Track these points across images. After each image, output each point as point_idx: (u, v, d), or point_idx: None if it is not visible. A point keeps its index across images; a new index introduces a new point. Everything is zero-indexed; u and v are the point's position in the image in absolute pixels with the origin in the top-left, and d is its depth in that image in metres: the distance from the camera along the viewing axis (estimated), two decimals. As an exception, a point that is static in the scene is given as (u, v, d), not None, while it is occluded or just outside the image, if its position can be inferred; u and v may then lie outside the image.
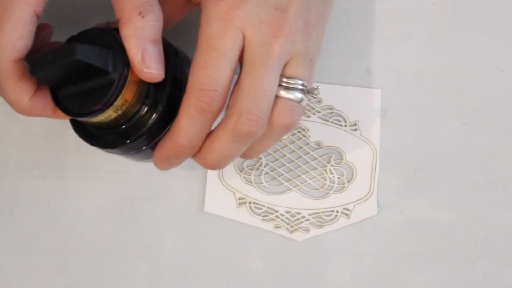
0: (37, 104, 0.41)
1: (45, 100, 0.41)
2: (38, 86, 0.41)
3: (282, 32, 0.40)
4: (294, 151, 0.52)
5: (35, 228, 0.52)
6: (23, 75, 0.40)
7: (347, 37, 0.52)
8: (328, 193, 0.52)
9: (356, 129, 0.52)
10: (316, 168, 0.52)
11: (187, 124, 0.40)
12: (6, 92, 0.40)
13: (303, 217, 0.52)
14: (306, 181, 0.52)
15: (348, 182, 0.52)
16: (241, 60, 0.41)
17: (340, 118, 0.52)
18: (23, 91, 0.40)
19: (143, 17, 0.39)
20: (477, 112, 0.52)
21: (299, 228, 0.52)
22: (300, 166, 0.52)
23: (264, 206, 0.52)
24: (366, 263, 0.52)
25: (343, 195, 0.52)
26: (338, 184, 0.52)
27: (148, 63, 0.39)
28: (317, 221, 0.52)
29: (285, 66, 0.41)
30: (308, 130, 0.52)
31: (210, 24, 0.40)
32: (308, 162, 0.52)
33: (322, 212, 0.52)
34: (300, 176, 0.52)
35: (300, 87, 0.42)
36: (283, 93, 0.41)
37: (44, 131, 0.52)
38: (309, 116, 0.52)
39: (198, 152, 0.42)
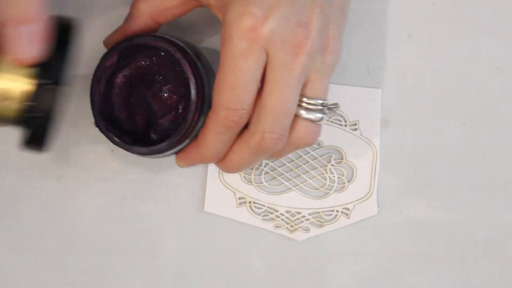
0: None
1: None
2: None
3: (303, 50, 0.41)
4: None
5: (35, 228, 0.52)
6: None
7: (347, 37, 0.52)
8: (328, 192, 0.52)
9: (356, 129, 0.52)
10: (316, 168, 0.52)
11: (215, 139, 0.43)
12: None
13: (303, 216, 0.52)
14: (306, 180, 0.52)
15: (348, 181, 0.52)
16: (263, 74, 0.41)
17: (340, 118, 0.52)
18: None
19: None
20: (477, 112, 0.52)
21: (299, 227, 0.52)
22: (300, 166, 0.52)
23: (264, 206, 0.52)
24: (366, 263, 0.52)
25: (343, 194, 0.52)
26: (338, 183, 0.52)
27: (17, 48, 0.36)
28: (317, 220, 0.52)
29: (305, 84, 0.42)
30: (308, 130, 0.52)
31: (233, 43, 0.40)
32: (308, 162, 0.52)
33: (322, 212, 0.52)
34: (300, 175, 0.52)
35: (320, 107, 0.43)
36: (303, 113, 0.43)
37: (44, 131, 0.52)
38: (309, 116, 0.52)
39: (221, 160, 0.44)
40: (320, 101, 0.43)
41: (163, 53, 0.46)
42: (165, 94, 0.48)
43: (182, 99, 0.47)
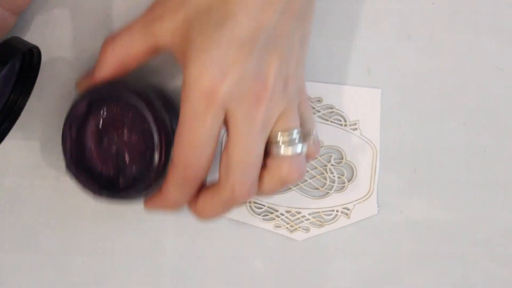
0: None
1: None
2: None
3: (263, 100, 0.42)
4: (294, 151, 0.52)
5: (35, 228, 0.52)
6: None
7: (347, 37, 0.52)
8: (328, 192, 0.52)
9: (356, 129, 0.52)
10: (316, 168, 0.52)
11: (174, 191, 0.44)
12: None
13: (303, 216, 0.52)
14: (306, 180, 0.52)
15: (348, 181, 0.52)
16: (226, 128, 0.43)
17: (340, 118, 0.52)
18: None
19: None
20: (477, 112, 0.53)
21: (299, 227, 0.52)
22: (300, 166, 0.52)
23: (264, 206, 0.52)
24: (366, 263, 0.52)
25: (343, 194, 0.52)
26: (338, 183, 0.52)
27: None
28: (317, 220, 0.52)
29: (274, 123, 0.43)
30: (308, 129, 0.52)
31: (192, 104, 0.41)
32: (308, 162, 0.52)
33: (322, 212, 0.52)
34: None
35: (296, 137, 0.44)
36: (282, 150, 0.44)
37: (44, 131, 0.52)
38: (309, 116, 0.52)
39: (194, 209, 0.46)
40: (295, 131, 0.44)
41: (135, 104, 0.48)
42: (134, 141, 0.49)
43: (150, 147, 0.49)
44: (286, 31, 0.42)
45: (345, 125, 0.52)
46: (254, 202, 0.52)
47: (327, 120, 0.52)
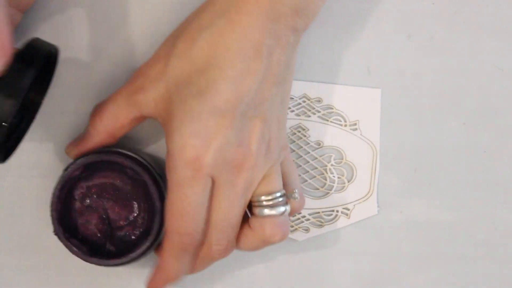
0: None
1: None
2: None
3: (245, 167, 0.43)
4: (294, 151, 0.52)
5: (35, 228, 0.52)
6: None
7: (347, 37, 0.52)
8: (328, 192, 0.52)
9: (356, 129, 0.52)
10: (316, 168, 0.52)
11: (173, 262, 0.45)
12: None
13: (303, 216, 0.52)
14: (306, 180, 0.52)
15: (348, 181, 0.52)
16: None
17: (340, 118, 0.52)
18: None
19: None
20: (477, 112, 0.52)
21: (299, 227, 0.52)
22: (300, 166, 0.52)
23: (264, 206, 0.52)
24: (366, 263, 0.52)
25: (343, 194, 0.52)
26: (338, 183, 0.52)
27: None
28: (317, 220, 0.52)
29: (258, 185, 0.44)
30: (308, 130, 0.52)
31: (178, 173, 0.42)
32: (308, 162, 0.52)
33: (322, 212, 0.52)
34: (300, 175, 0.52)
35: (280, 199, 0.45)
36: (266, 211, 0.45)
37: (44, 131, 0.52)
38: (309, 116, 0.52)
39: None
40: (278, 194, 0.45)
41: (128, 170, 0.49)
42: (125, 207, 0.51)
43: (142, 213, 0.51)
44: (266, 96, 0.43)
45: (345, 125, 0.52)
46: (254, 202, 0.52)
47: (327, 120, 0.52)
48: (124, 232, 0.51)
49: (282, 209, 0.45)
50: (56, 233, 0.48)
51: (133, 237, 0.50)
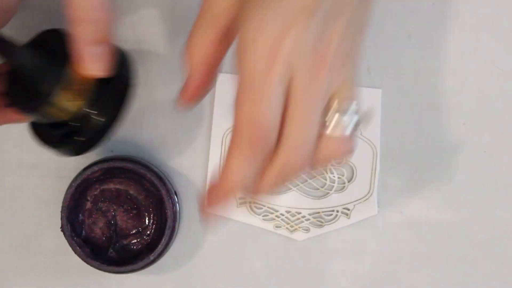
0: None
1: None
2: None
3: (326, 63, 0.38)
4: (294, 151, 0.52)
5: (35, 228, 0.52)
6: None
7: (347, 37, 0.52)
8: (328, 192, 0.52)
9: (356, 129, 0.52)
10: (316, 168, 0.52)
11: (240, 164, 0.37)
12: None
13: (303, 216, 0.52)
14: (306, 180, 0.52)
15: (348, 181, 0.52)
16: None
17: (340, 118, 0.52)
18: None
19: (96, 22, 0.41)
20: (477, 112, 0.52)
21: (299, 227, 0.52)
22: (300, 166, 0.52)
23: (264, 206, 0.52)
24: (366, 263, 0.52)
25: (343, 194, 0.52)
26: (338, 183, 0.52)
27: (90, 64, 0.41)
28: (317, 220, 0.52)
29: (331, 97, 0.39)
30: (308, 130, 0.52)
31: (253, 61, 0.36)
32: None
33: (322, 212, 0.52)
34: (300, 175, 0.52)
35: (351, 120, 0.39)
36: (332, 129, 0.39)
37: (44, 131, 0.52)
38: (309, 116, 0.52)
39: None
40: (354, 105, 0.39)
41: (145, 182, 0.50)
42: (135, 217, 0.51)
43: (151, 227, 0.51)
44: (348, 7, 0.38)
45: (345, 125, 0.52)
46: (254, 202, 0.52)
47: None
48: (128, 242, 0.51)
49: (350, 129, 0.39)
50: (62, 229, 0.49)
51: (136, 248, 0.51)
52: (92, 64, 0.41)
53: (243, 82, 0.37)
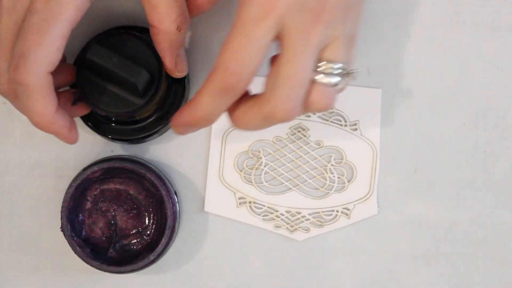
0: (58, 119, 0.43)
1: (65, 117, 0.43)
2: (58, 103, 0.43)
3: (321, 19, 0.40)
4: (294, 151, 0.52)
5: (35, 228, 0.52)
6: (51, 88, 0.42)
7: (347, 37, 0.52)
8: (328, 192, 0.52)
9: (356, 129, 0.52)
10: (316, 168, 0.52)
11: (208, 100, 0.41)
12: (32, 103, 0.41)
13: (303, 216, 0.52)
14: (306, 180, 0.52)
15: (348, 181, 0.52)
16: (279, 42, 0.40)
17: (340, 118, 0.52)
18: (50, 103, 0.42)
19: (179, 31, 0.44)
20: (477, 112, 0.52)
21: (299, 227, 0.52)
22: (300, 166, 0.52)
23: (264, 206, 0.52)
24: (366, 263, 0.52)
25: (343, 194, 0.52)
26: (338, 183, 0.52)
27: (179, 68, 0.46)
28: (317, 220, 0.52)
29: (323, 49, 0.41)
30: (308, 129, 0.52)
31: (249, 8, 0.39)
32: (308, 162, 0.52)
33: (322, 212, 0.52)
34: (300, 175, 0.52)
35: (338, 71, 0.42)
36: (320, 77, 0.41)
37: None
38: (309, 116, 0.52)
39: (231, 115, 0.43)
40: (339, 65, 0.42)
41: (145, 182, 0.50)
42: (135, 217, 0.51)
43: (151, 227, 0.51)
44: None
45: (345, 125, 0.52)
46: (254, 202, 0.52)
47: (327, 120, 0.52)
48: (128, 241, 0.51)
49: (337, 79, 0.41)
50: (62, 229, 0.49)
51: (136, 248, 0.51)
52: (178, 67, 0.46)
53: (233, 28, 0.40)
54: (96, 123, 0.50)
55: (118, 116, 0.49)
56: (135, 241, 0.51)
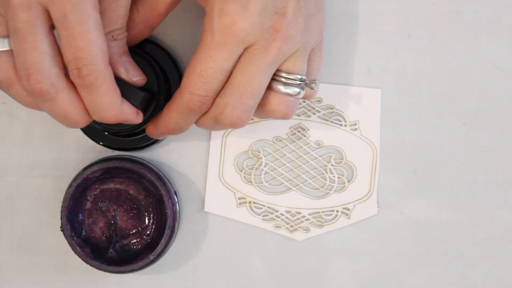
0: (125, 107, 0.43)
1: (127, 103, 0.44)
2: None
3: (280, 35, 0.42)
4: (294, 151, 0.52)
5: (35, 228, 0.52)
6: (113, 79, 0.42)
7: (347, 37, 0.52)
8: (328, 192, 0.52)
9: (356, 129, 0.52)
10: (316, 168, 0.52)
11: (177, 116, 0.45)
12: (99, 98, 0.41)
13: (303, 216, 0.52)
14: (306, 180, 0.52)
15: (348, 181, 0.52)
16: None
17: (340, 118, 0.52)
18: (116, 92, 0.42)
19: (115, 40, 0.44)
20: (477, 112, 0.52)
21: (299, 227, 0.52)
22: (300, 166, 0.52)
23: (264, 206, 0.52)
24: (366, 263, 0.52)
25: (343, 194, 0.52)
26: (338, 183, 0.52)
27: (132, 73, 0.45)
28: (317, 220, 0.52)
29: (284, 62, 0.44)
30: (308, 130, 0.52)
31: (212, 35, 0.42)
32: (308, 162, 0.52)
33: (322, 212, 0.52)
34: (300, 175, 0.52)
35: (298, 82, 0.44)
36: (281, 88, 0.44)
37: (44, 131, 0.52)
38: (309, 116, 0.52)
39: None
40: (299, 76, 0.44)
41: (145, 181, 0.50)
42: (135, 217, 0.51)
43: (151, 227, 0.51)
44: None
45: (345, 125, 0.52)
46: (254, 202, 0.52)
47: (327, 120, 0.52)
48: (128, 241, 0.51)
49: (296, 90, 0.44)
50: (62, 229, 0.49)
51: (136, 248, 0.51)
52: (130, 72, 0.45)
53: (199, 52, 0.43)
54: (93, 131, 0.50)
55: (118, 132, 0.49)
56: (135, 241, 0.51)
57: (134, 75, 0.44)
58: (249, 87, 0.43)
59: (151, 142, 0.51)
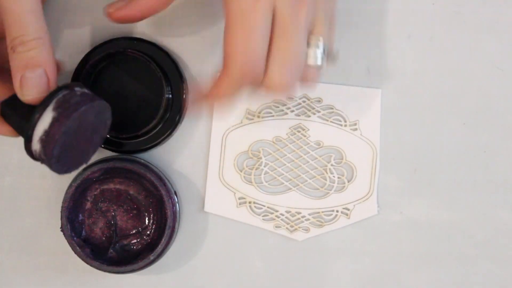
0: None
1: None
2: None
3: (305, 2, 0.42)
4: (294, 151, 0.52)
5: (35, 228, 0.52)
6: None
7: (347, 37, 0.52)
8: (328, 192, 0.52)
9: (356, 129, 0.52)
10: (316, 168, 0.52)
11: (229, 86, 0.42)
12: None
13: (303, 216, 0.52)
14: (306, 180, 0.52)
15: (348, 181, 0.52)
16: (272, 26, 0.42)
17: (340, 118, 0.52)
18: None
19: (14, 51, 0.41)
20: (477, 112, 0.52)
21: (299, 227, 0.52)
22: (300, 166, 0.52)
23: (264, 206, 0.52)
24: (366, 263, 0.52)
25: (343, 194, 0.52)
26: (338, 183, 0.52)
27: (24, 91, 0.41)
28: (317, 220, 0.52)
29: (312, 30, 0.44)
30: (308, 130, 0.52)
31: (240, 1, 0.41)
32: (308, 162, 0.52)
33: (322, 212, 0.52)
34: (300, 175, 0.52)
35: (321, 47, 0.44)
36: (311, 56, 0.43)
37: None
38: (309, 116, 0.52)
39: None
40: (321, 38, 0.44)
41: (145, 182, 0.50)
42: (135, 217, 0.51)
43: (151, 227, 0.51)
44: None
45: (345, 125, 0.52)
46: (254, 202, 0.52)
47: (327, 120, 0.52)
48: (128, 242, 0.51)
49: (320, 57, 0.44)
50: (62, 229, 0.49)
51: (136, 248, 0.51)
52: (23, 89, 0.42)
53: (233, 15, 0.41)
54: None
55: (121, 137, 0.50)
56: (135, 241, 0.51)
57: (24, 95, 0.42)
58: (293, 53, 0.42)
59: (152, 145, 0.51)
